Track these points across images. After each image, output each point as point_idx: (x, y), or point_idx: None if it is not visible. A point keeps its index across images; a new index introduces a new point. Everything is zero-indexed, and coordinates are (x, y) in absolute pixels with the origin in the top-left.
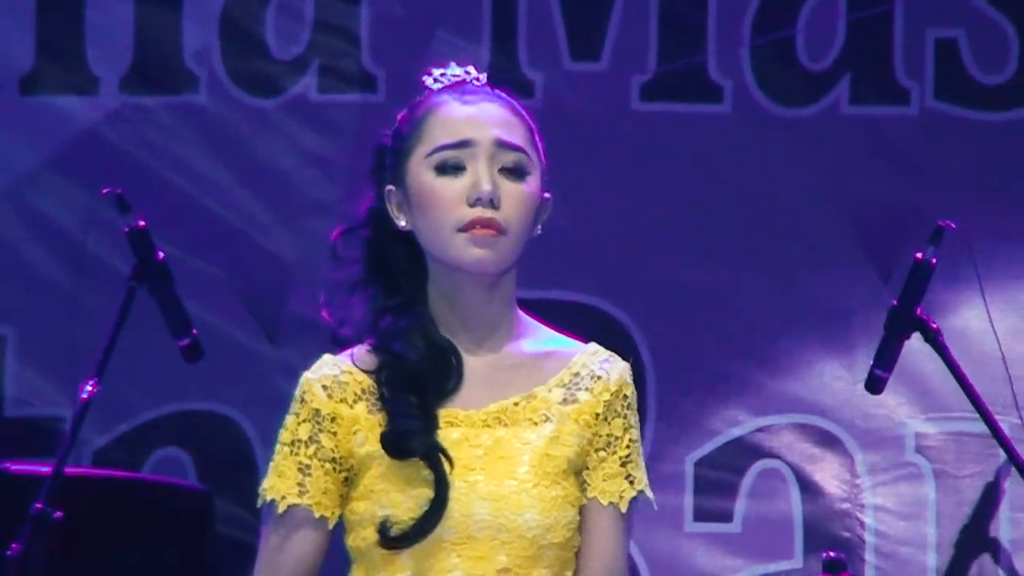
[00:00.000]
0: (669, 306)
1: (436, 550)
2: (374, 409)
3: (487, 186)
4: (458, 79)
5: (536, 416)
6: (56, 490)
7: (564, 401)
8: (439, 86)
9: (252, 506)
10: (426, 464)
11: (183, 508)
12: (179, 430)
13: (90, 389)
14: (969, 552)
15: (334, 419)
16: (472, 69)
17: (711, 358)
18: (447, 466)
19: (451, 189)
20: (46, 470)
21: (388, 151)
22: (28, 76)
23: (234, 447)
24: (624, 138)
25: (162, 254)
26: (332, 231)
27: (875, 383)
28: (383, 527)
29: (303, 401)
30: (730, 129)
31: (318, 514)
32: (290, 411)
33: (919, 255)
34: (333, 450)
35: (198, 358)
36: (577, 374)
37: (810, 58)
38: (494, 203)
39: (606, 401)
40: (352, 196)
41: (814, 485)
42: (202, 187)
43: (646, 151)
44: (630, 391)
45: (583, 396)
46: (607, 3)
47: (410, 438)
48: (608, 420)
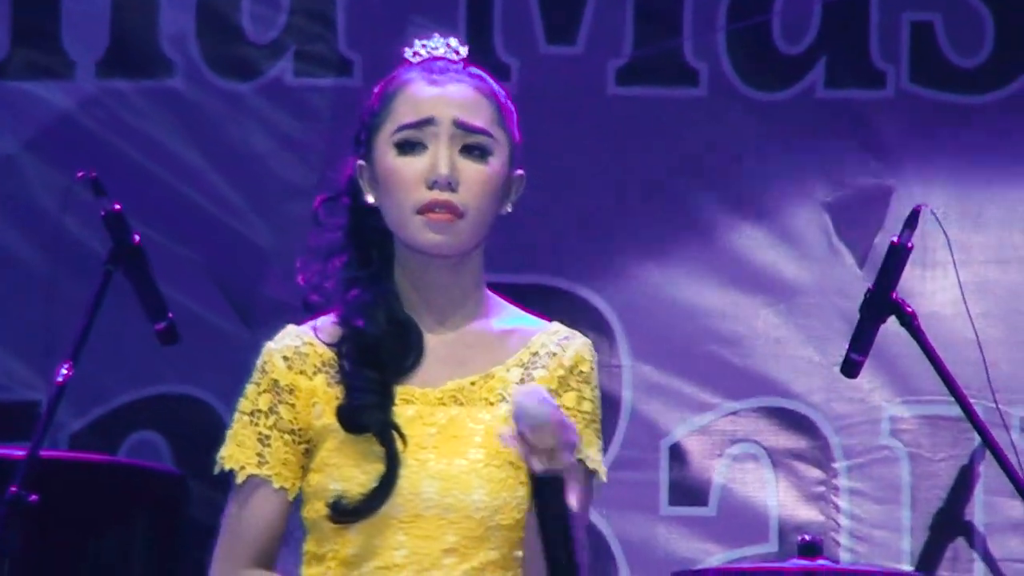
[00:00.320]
0: (644, 290)
1: (384, 527)
2: (332, 382)
3: (444, 169)
4: (436, 54)
5: (492, 396)
6: (31, 473)
7: (521, 381)
8: (418, 59)
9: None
10: (379, 440)
11: (159, 492)
12: (155, 414)
13: (65, 372)
14: (944, 536)
15: (292, 391)
16: (454, 41)
17: (686, 342)
18: (400, 443)
19: (411, 169)
20: (21, 454)
21: (362, 124)
22: (3, 61)
23: (209, 431)
24: (600, 122)
25: (138, 238)
26: (308, 215)
27: (851, 367)
28: (333, 501)
29: (264, 371)
30: (706, 113)
31: (277, 485)
32: (251, 380)
33: (895, 239)
34: (292, 421)
35: (174, 342)
36: (536, 353)
37: (786, 42)
38: (451, 185)
39: (560, 376)
40: (328, 179)
41: (789, 469)
42: (178, 171)
43: (622, 135)
44: (587, 367)
45: (538, 374)
46: None
47: (365, 413)
48: (560, 394)
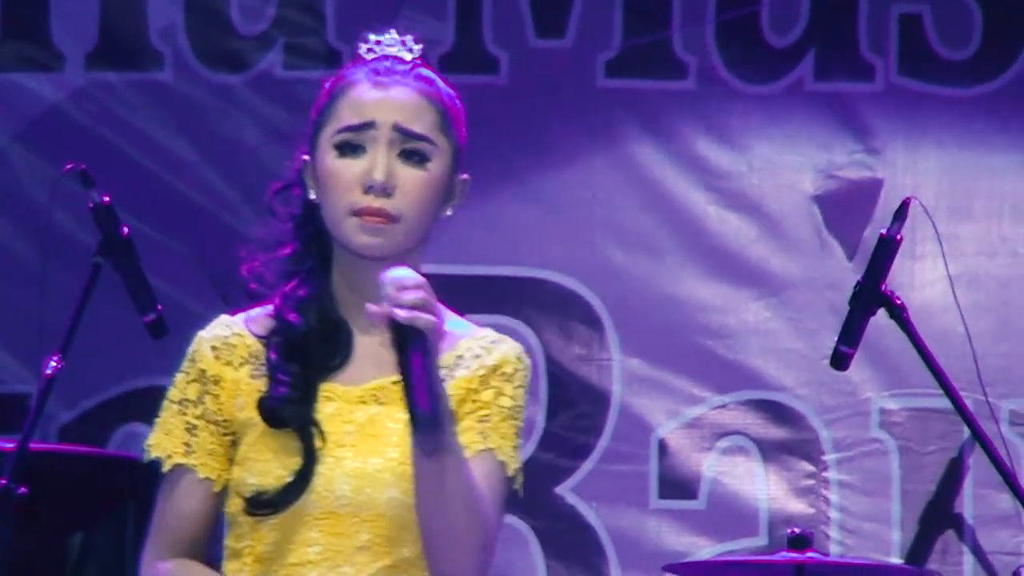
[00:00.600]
0: (634, 283)
1: (299, 523)
2: (257, 375)
3: (379, 175)
4: (390, 52)
5: None
6: (21, 466)
7: (443, 382)
8: (371, 56)
9: None
10: (298, 436)
11: (148, 484)
12: (144, 406)
13: (55, 365)
14: (933, 528)
15: (218, 381)
16: (409, 39)
17: (676, 335)
18: (319, 440)
19: (349, 171)
20: (11, 446)
21: (311, 120)
22: None
23: None
24: (589, 115)
25: (127, 230)
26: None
27: (840, 359)
28: (249, 495)
29: (193, 360)
30: (695, 106)
31: (203, 475)
32: (181, 369)
33: (884, 231)
34: (217, 412)
35: (163, 334)
36: (461, 356)
37: (775, 34)
38: (387, 191)
39: (481, 376)
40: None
41: (779, 462)
42: (167, 163)
43: (611, 128)
44: (511, 368)
45: (460, 374)
46: None
47: (285, 408)
48: (479, 391)
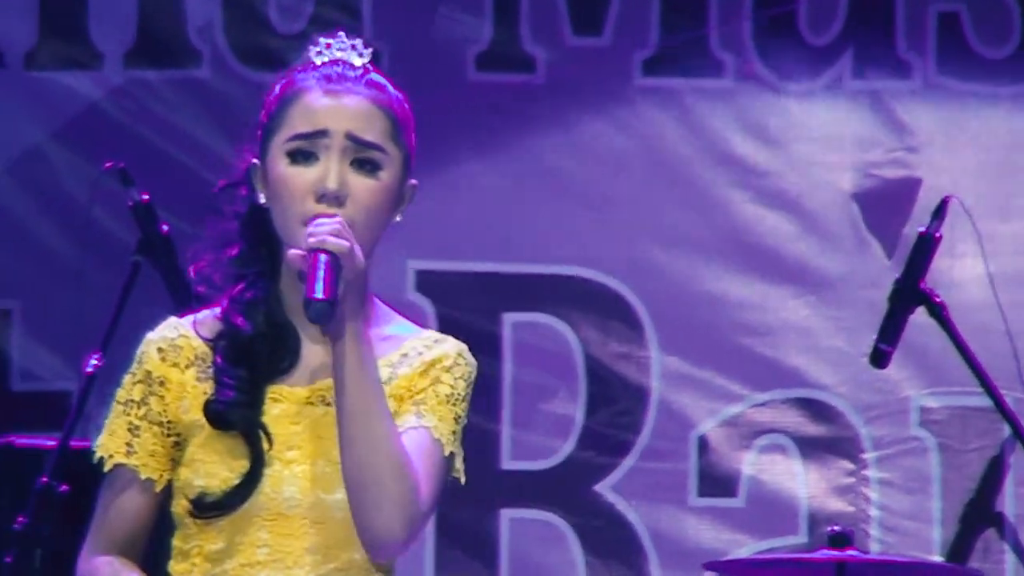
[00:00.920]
0: (672, 281)
1: (247, 525)
2: (203, 377)
3: (332, 184)
4: (341, 56)
5: None
6: (62, 464)
7: (387, 380)
8: (321, 60)
9: None
10: (245, 439)
11: None
12: None
13: (95, 363)
14: (974, 526)
15: (163, 383)
16: (359, 43)
17: (714, 333)
18: (266, 443)
19: (301, 179)
20: (52, 444)
21: (260, 122)
22: (32, 51)
23: None
24: (626, 113)
25: (166, 228)
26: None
27: (880, 357)
28: (197, 497)
29: (139, 361)
30: (733, 104)
31: (144, 476)
32: (128, 370)
33: (923, 229)
34: (161, 413)
35: None
36: (406, 355)
37: (812, 32)
38: (339, 200)
39: (421, 371)
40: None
41: (819, 460)
42: (206, 161)
43: (649, 126)
44: (450, 361)
45: (402, 371)
46: None
47: (232, 411)
48: (418, 381)
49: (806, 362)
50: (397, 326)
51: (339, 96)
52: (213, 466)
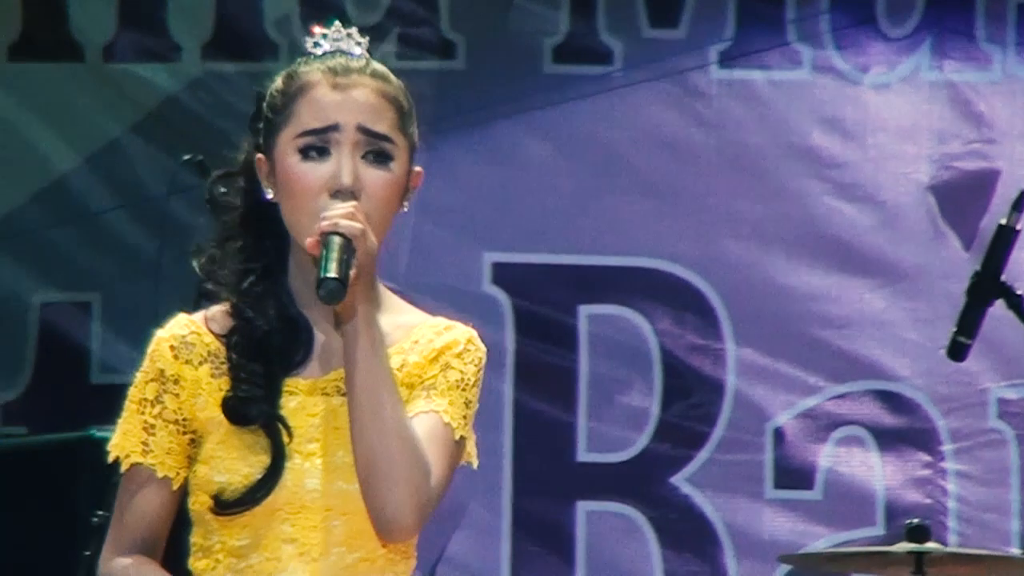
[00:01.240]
0: (748, 272)
1: (270, 518)
2: (217, 373)
3: (347, 179)
4: (338, 45)
5: None
6: None
7: (399, 367)
8: (319, 50)
9: None
10: (265, 433)
11: None
12: None
13: None
14: None
15: (177, 380)
16: (355, 31)
17: (790, 325)
18: (286, 436)
19: (314, 175)
20: None
21: (262, 117)
22: (110, 44)
23: None
24: (703, 105)
25: None
26: (413, 200)
27: (958, 350)
28: (218, 493)
29: (151, 360)
30: (809, 95)
31: (161, 474)
32: (140, 368)
33: (1003, 221)
34: (176, 411)
35: None
36: (416, 342)
37: (890, 23)
38: (354, 195)
39: (431, 358)
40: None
41: (896, 452)
42: None
43: (725, 118)
44: (461, 348)
45: (413, 359)
46: None
47: (250, 406)
48: (428, 368)
49: (883, 354)
50: (407, 313)
51: (347, 89)
52: (233, 462)
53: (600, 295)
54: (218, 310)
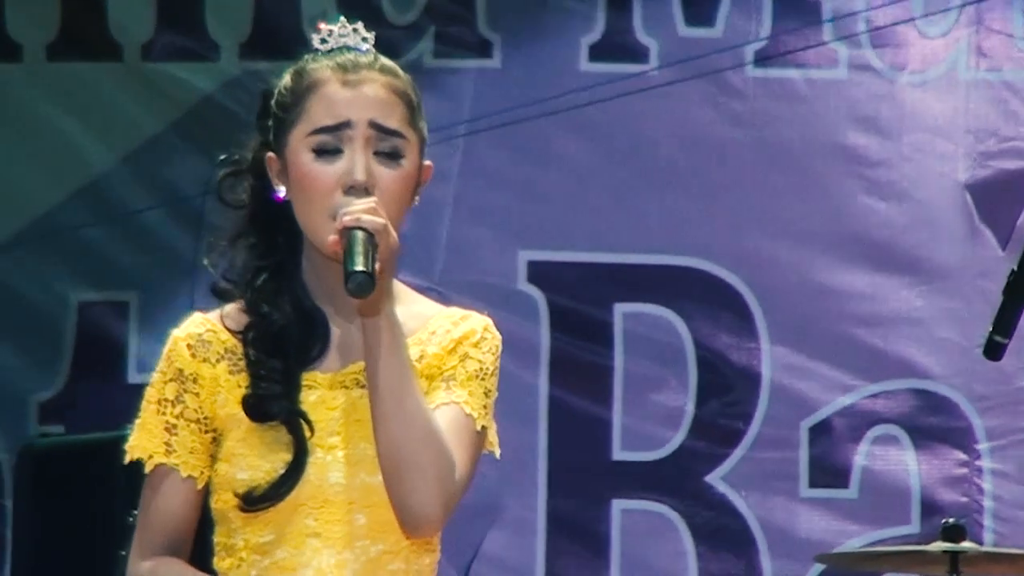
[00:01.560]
0: (783, 271)
1: (293, 513)
2: (235, 370)
3: (361, 175)
4: (345, 41)
5: None
6: None
7: (419, 358)
8: (326, 47)
9: None
10: (287, 429)
11: None
12: None
13: None
14: None
15: (196, 379)
16: (361, 27)
17: (826, 323)
18: (307, 431)
19: (327, 173)
20: None
21: (271, 115)
22: (148, 43)
23: None
24: (738, 103)
25: None
26: (449, 198)
27: (994, 349)
28: (241, 490)
29: (169, 360)
30: (846, 94)
31: (185, 473)
32: (157, 368)
33: None
34: (197, 410)
35: None
36: (434, 332)
37: (926, 21)
38: (368, 191)
39: (449, 349)
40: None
41: (931, 450)
42: None
43: (760, 116)
44: (478, 337)
45: (431, 350)
46: None
47: (271, 403)
48: (447, 359)
49: (918, 353)
50: (420, 303)
51: (358, 85)
52: (255, 459)
53: (635, 293)
54: (233, 307)
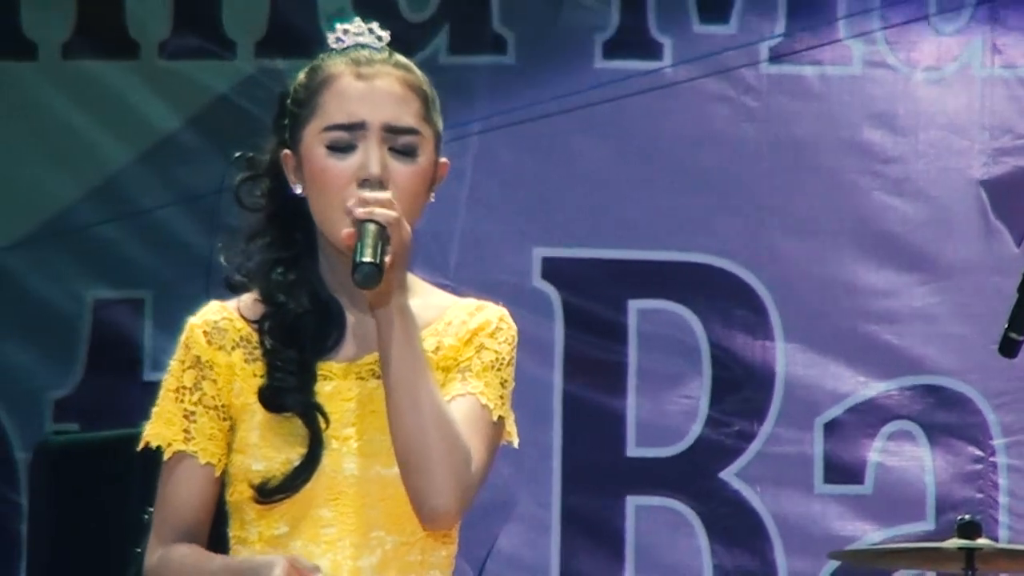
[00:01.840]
0: (797, 268)
1: (309, 505)
2: (250, 359)
3: (375, 169)
4: (360, 40)
5: None
6: None
7: (435, 350)
8: (341, 45)
9: None
10: (302, 421)
11: None
12: None
13: None
14: None
15: (212, 366)
16: (376, 26)
17: (840, 320)
18: (322, 423)
19: (341, 168)
20: None
21: (287, 112)
22: (165, 41)
23: None
24: (753, 100)
25: None
26: (463, 194)
27: (1010, 346)
28: (256, 481)
29: (187, 347)
30: (861, 90)
31: (204, 460)
32: (175, 356)
33: None
34: (215, 397)
35: None
36: (450, 323)
37: (941, 19)
38: (383, 185)
39: (465, 340)
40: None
41: (946, 446)
42: None
43: (775, 113)
44: (493, 327)
45: (448, 342)
46: None
47: (286, 395)
48: (463, 350)
49: (933, 349)
50: (435, 295)
51: (371, 79)
52: (270, 450)
53: (649, 290)
54: (249, 297)
